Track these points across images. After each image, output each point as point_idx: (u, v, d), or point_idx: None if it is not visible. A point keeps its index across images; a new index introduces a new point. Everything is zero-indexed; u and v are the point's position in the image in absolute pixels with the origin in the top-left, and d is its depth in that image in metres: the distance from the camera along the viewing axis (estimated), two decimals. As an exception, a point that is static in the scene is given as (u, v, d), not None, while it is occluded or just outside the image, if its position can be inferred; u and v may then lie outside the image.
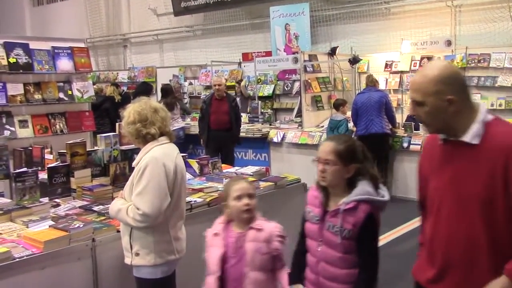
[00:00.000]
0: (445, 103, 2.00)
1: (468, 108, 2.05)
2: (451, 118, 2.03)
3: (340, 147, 2.47)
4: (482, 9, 9.28)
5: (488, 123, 2.03)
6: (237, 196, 2.65)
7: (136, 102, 3.02)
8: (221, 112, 8.00)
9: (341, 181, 2.47)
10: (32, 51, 5.73)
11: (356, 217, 2.40)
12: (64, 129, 6.03)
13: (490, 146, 1.97)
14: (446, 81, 2.01)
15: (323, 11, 11.19)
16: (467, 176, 2.02)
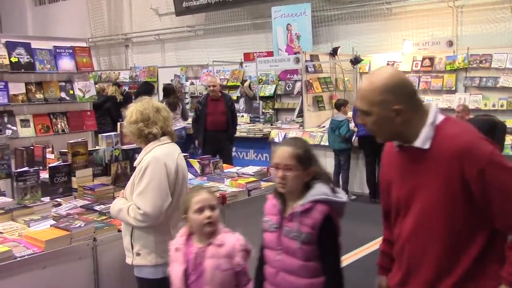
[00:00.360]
0: (392, 113, 1.91)
1: (418, 114, 1.95)
2: (399, 128, 1.94)
3: (299, 151, 2.38)
4: (484, 9, 9.27)
5: (438, 125, 1.94)
6: (198, 209, 2.51)
7: (138, 102, 3.02)
8: (218, 112, 7.87)
9: (298, 186, 2.39)
10: (34, 51, 5.74)
11: (313, 219, 2.31)
12: (65, 129, 6.04)
13: (440, 150, 1.89)
14: (393, 90, 1.90)
15: (325, 11, 11.19)
16: (425, 183, 1.94)
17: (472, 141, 1.86)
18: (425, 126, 1.93)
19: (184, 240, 2.58)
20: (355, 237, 6.06)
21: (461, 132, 1.90)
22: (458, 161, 1.84)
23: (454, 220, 1.90)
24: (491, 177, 1.82)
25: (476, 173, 1.82)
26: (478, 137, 1.89)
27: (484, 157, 1.82)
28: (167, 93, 9.58)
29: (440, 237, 1.93)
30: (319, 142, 8.59)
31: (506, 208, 1.84)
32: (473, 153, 1.83)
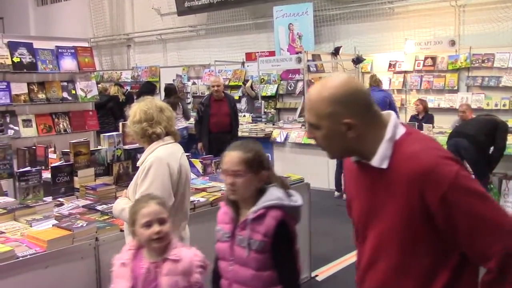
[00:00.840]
0: (343, 127, 1.66)
1: (375, 128, 1.70)
2: (352, 143, 1.70)
3: (248, 155, 2.25)
4: (486, 9, 9.26)
5: (397, 141, 1.68)
6: (146, 223, 2.33)
7: (142, 101, 3.01)
8: (222, 114, 7.65)
9: (252, 192, 2.27)
10: (36, 51, 5.74)
11: (266, 226, 2.18)
12: (67, 129, 6.05)
13: (399, 171, 1.64)
14: (343, 101, 1.66)
15: (327, 11, 11.19)
16: (383, 207, 1.70)
17: (433, 162, 1.60)
18: (382, 142, 1.68)
19: (131, 255, 2.39)
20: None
21: (421, 150, 1.64)
22: (418, 185, 1.60)
23: (414, 251, 1.67)
24: (455, 203, 1.57)
25: (438, 198, 1.57)
26: (441, 156, 1.62)
27: (447, 180, 1.57)
28: (169, 93, 9.58)
29: (399, 270, 1.70)
30: (321, 142, 8.57)
31: (474, 238, 1.59)
32: (434, 176, 1.58)
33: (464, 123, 6.78)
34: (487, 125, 6.40)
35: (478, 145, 6.30)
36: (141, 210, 2.37)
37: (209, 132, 7.65)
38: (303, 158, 8.79)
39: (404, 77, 9.60)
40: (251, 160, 2.25)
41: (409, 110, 9.33)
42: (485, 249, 1.58)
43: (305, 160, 8.67)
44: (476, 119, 6.78)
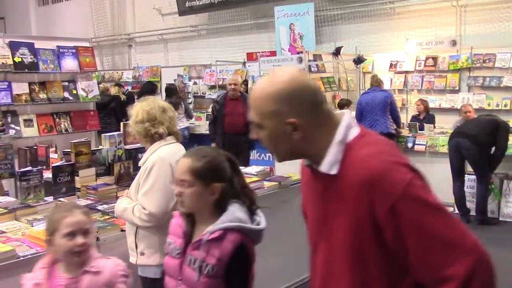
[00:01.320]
0: (288, 128, 1.50)
1: (325, 129, 1.53)
2: (299, 145, 1.53)
3: (197, 164, 2.06)
4: (488, 9, 9.25)
5: (349, 144, 1.51)
6: (69, 233, 2.12)
7: (144, 101, 3.02)
8: (237, 113, 7.24)
9: (205, 205, 2.07)
10: (37, 51, 5.75)
11: (222, 249, 1.97)
12: (68, 128, 6.05)
13: (349, 177, 1.46)
14: (288, 99, 1.49)
15: (328, 11, 11.17)
16: (334, 216, 1.53)
17: (383, 168, 1.42)
18: (331, 145, 1.51)
19: (45, 273, 2.16)
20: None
21: (372, 154, 1.45)
22: (366, 194, 1.42)
23: (365, 271, 1.48)
24: (405, 216, 1.38)
25: (387, 209, 1.39)
26: (393, 162, 1.44)
27: (397, 189, 1.38)
28: (170, 93, 9.60)
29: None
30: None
31: (427, 258, 1.39)
32: (383, 184, 1.39)
33: (465, 123, 6.77)
34: (488, 125, 6.40)
35: (480, 145, 6.29)
36: (64, 218, 2.14)
37: (223, 132, 7.31)
38: (304, 158, 8.78)
39: (405, 77, 9.59)
40: (200, 170, 2.05)
41: (410, 110, 9.32)
42: (440, 271, 1.37)
43: (306, 160, 8.66)
44: (477, 119, 6.77)
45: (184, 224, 2.13)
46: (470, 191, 6.80)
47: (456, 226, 1.40)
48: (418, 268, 1.41)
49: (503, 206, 6.65)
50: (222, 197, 2.08)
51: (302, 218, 1.80)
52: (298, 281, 4.58)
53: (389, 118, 7.69)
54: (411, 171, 1.44)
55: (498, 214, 6.68)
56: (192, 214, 2.12)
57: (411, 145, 7.79)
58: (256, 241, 2.11)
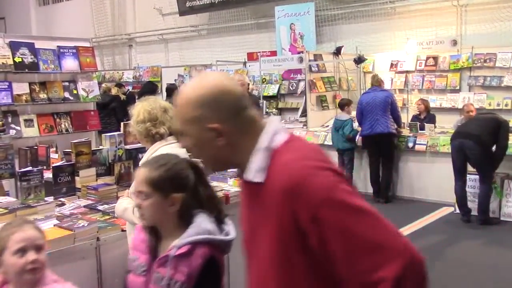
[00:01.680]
0: (211, 134, 1.46)
1: (249, 135, 1.48)
2: (224, 153, 1.49)
3: (154, 174, 1.92)
4: (488, 8, 9.24)
5: (276, 150, 1.45)
6: (19, 249, 1.95)
7: (145, 101, 3.01)
8: None
9: (167, 217, 1.93)
10: (38, 51, 5.74)
11: (191, 265, 1.84)
12: (69, 128, 6.04)
13: (272, 185, 1.40)
14: (210, 104, 1.45)
15: (328, 11, 11.17)
16: (259, 227, 1.47)
17: (303, 174, 1.36)
18: (256, 152, 1.46)
19: None
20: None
21: (293, 160, 1.40)
22: (289, 202, 1.35)
23: (295, 282, 1.42)
24: (328, 222, 1.32)
25: (309, 217, 1.33)
26: (314, 167, 1.37)
27: (318, 195, 1.32)
28: (171, 93, 9.60)
29: None
30: (323, 142, 8.57)
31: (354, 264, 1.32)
32: (303, 190, 1.33)
33: (467, 123, 6.75)
34: (490, 124, 6.38)
35: (483, 145, 6.28)
36: (13, 234, 1.97)
37: None
38: (304, 158, 8.77)
39: (406, 77, 9.59)
40: (157, 180, 1.91)
41: (411, 110, 9.32)
42: (370, 276, 1.30)
43: (306, 160, 8.65)
44: (478, 118, 6.75)
45: (148, 238, 1.98)
46: (471, 190, 6.79)
47: (384, 229, 1.34)
48: (348, 274, 1.35)
49: (504, 206, 6.65)
50: (185, 208, 1.93)
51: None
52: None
53: (389, 117, 7.68)
54: (334, 174, 1.38)
55: (499, 214, 6.67)
56: (155, 227, 1.98)
57: (412, 145, 7.78)
58: (226, 251, 1.99)
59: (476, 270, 5.07)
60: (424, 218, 6.82)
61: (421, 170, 7.73)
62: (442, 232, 6.23)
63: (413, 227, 6.41)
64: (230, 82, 1.52)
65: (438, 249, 5.66)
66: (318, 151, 1.48)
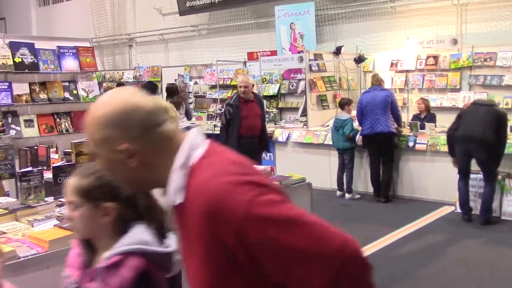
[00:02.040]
0: (121, 156, 1.36)
1: (164, 153, 1.38)
2: (140, 174, 1.40)
3: (83, 182, 1.76)
4: (489, 7, 9.23)
5: (194, 167, 1.35)
6: None
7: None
8: (253, 115, 6.81)
9: (100, 229, 1.77)
10: (38, 51, 5.74)
11: (121, 277, 1.64)
12: (69, 129, 6.04)
13: (192, 205, 1.32)
14: (117, 124, 1.36)
15: (328, 10, 11.17)
16: (188, 256, 1.40)
17: (221, 192, 1.27)
18: (173, 171, 1.36)
19: None
20: (360, 236, 6.03)
21: (210, 178, 1.30)
22: (210, 224, 1.27)
23: None
24: (254, 239, 1.25)
25: (233, 236, 1.26)
26: (233, 183, 1.28)
27: (238, 213, 1.24)
28: (171, 93, 9.60)
29: None
30: (323, 141, 8.58)
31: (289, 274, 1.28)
32: (223, 209, 1.25)
33: (469, 124, 6.46)
34: (493, 121, 6.31)
35: (490, 148, 6.26)
36: None
37: (240, 136, 6.74)
38: (305, 158, 8.78)
39: (406, 76, 9.58)
40: (87, 189, 1.76)
41: (411, 109, 9.32)
42: (307, 281, 1.26)
43: (307, 160, 8.66)
44: (478, 112, 6.51)
45: (82, 252, 1.81)
46: (474, 190, 6.79)
47: (316, 234, 1.27)
48: (286, 281, 1.29)
49: (505, 205, 6.64)
50: (121, 219, 1.76)
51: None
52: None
53: (390, 117, 7.68)
54: (254, 187, 1.28)
55: (500, 213, 6.67)
56: (90, 240, 1.82)
57: (412, 144, 7.78)
58: (166, 268, 1.77)
59: (476, 269, 5.07)
60: (424, 217, 6.82)
61: (421, 170, 7.73)
62: (443, 231, 6.23)
63: (414, 226, 6.40)
64: (140, 97, 1.42)
65: (438, 248, 5.66)
66: (237, 163, 1.37)
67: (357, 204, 7.74)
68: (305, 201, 4.57)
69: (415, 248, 5.72)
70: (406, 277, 4.92)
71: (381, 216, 6.97)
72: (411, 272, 5.01)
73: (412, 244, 5.83)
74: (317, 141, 8.67)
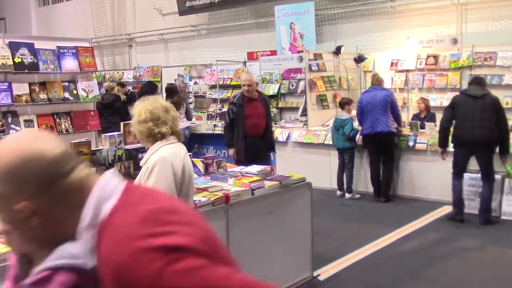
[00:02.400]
0: (21, 215, 1.16)
1: (73, 208, 1.18)
2: (49, 232, 1.21)
3: None
4: (488, 7, 9.24)
5: (102, 225, 1.17)
6: None
7: (146, 101, 3.00)
8: (257, 115, 6.55)
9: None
10: (37, 51, 5.74)
11: None
12: (69, 129, 6.04)
13: (101, 273, 1.16)
14: (11, 179, 1.14)
15: (328, 10, 11.17)
16: None
17: (125, 260, 1.10)
18: (80, 232, 1.19)
19: None
20: (360, 235, 6.05)
21: (116, 243, 1.12)
22: None
23: None
24: None
25: None
26: (140, 249, 1.10)
27: (144, 285, 1.08)
28: (170, 93, 9.61)
29: None
30: (323, 141, 8.57)
31: None
32: (129, 284, 1.10)
33: (469, 126, 6.35)
34: (492, 115, 6.26)
35: (493, 147, 6.27)
36: None
37: (245, 136, 6.49)
38: (305, 158, 8.78)
39: (406, 76, 9.58)
40: None
41: (411, 108, 9.32)
42: None
43: (307, 160, 8.66)
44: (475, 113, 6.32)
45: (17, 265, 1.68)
46: (471, 189, 6.79)
47: None
48: None
49: (504, 205, 6.64)
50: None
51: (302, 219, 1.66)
52: (298, 281, 4.57)
53: (390, 116, 7.68)
54: (168, 252, 1.09)
55: (499, 212, 6.66)
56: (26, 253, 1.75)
57: (412, 143, 7.77)
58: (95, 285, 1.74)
59: (476, 268, 5.06)
60: (425, 216, 6.81)
61: (421, 169, 7.73)
62: (443, 231, 6.23)
63: (414, 226, 6.40)
64: (44, 143, 1.18)
65: (438, 248, 5.65)
66: (150, 218, 1.15)
67: (357, 204, 7.74)
68: (305, 201, 4.58)
69: (416, 247, 5.72)
70: (406, 277, 4.91)
71: (381, 216, 6.97)
72: (411, 271, 5.01)
73: (412, 243, 5.83)
74: (317, 141, 8.67)
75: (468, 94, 6.53)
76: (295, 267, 4.53)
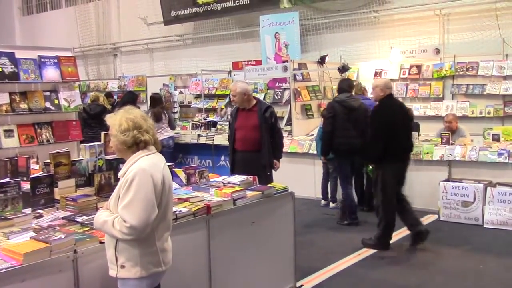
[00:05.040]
0: None
1: None
2: None
3: None
4: (470, 17, 9.36)
5: None
6: None
7: (122, 111, 2.96)
8: (248, 127, 5.91)
9: None
10: (18, 60, 5.68)
11: None
12: (50, 139, 5.98)
13: None
14: None
15: (313, 20, 11.24)
16: None
17: None
18: None
19: None
20: (344, 245, 6.04)
21: None
22: None
23: None
24: None
25: None
26: None
27: None
28: (154, 103, 9.55)
29: None
30: (307, 151, 8.58)
31: None
32: None
33: (348, 132, 6.95)
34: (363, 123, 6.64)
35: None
36: None
37: (233, 150, 6.02)
38: (289, 167, 8.74)
39: (389, 86, 9.63)
40: None
41: (395, 118, 9.35)
42: None
43: (291, 169, 8.63)
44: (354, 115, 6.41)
45: None
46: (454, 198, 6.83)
47: None
48: None
49: (487, 213, 6.67)
50: None
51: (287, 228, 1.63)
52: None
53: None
54: None
55: (482, 221, 6.69)
56: None
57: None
58: None
59: (459, 277, 5.07)
60: (408, 226, 6.81)
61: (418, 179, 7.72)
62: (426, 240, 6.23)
63: (398, 235, 6.40)
64: None
65: (421, 257, 5.66)
66: None
67: (341, 213, 7.72)
68: (287, 211, 4.55)
69: (399, 257, 5.72)
70: (389, 286, 4.91)
71: (365, 225, 6.96)
72: (394, 281, 5.00)
73: (396, 252, 5.83)
74: (302, 150, 8.67)
75: None
76: (278, 277, 4.50)
